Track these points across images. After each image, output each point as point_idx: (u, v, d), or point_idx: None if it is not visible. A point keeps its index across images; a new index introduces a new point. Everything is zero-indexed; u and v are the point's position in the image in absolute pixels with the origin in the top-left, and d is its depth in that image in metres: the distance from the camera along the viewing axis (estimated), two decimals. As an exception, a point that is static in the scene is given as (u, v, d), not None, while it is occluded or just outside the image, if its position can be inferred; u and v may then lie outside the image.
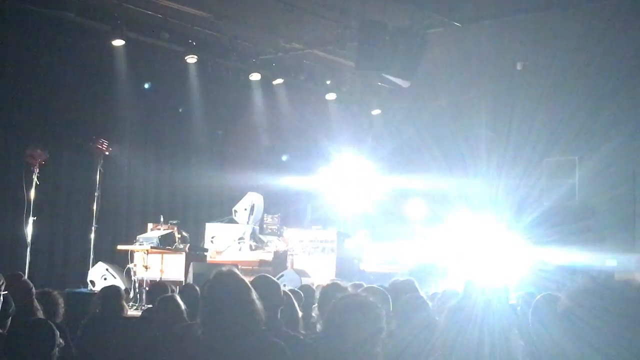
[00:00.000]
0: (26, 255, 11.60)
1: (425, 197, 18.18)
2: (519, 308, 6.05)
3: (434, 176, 18.47)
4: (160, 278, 11.80)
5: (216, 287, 4.10)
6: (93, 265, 12.47)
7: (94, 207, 12.76)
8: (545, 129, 17.92)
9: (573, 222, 17.41)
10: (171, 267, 12.44)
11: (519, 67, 15.63)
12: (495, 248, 17.04)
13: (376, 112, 18.53)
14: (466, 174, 18.34)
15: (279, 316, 4.96)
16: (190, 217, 15.71)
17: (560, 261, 16.43)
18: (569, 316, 3.58)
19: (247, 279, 4.31)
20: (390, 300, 5.85)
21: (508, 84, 16.66)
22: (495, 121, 17.42)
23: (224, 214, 15.15)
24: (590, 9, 13.18)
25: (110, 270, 12.19)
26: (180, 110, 15.67)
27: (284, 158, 17.04)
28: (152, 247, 12.21)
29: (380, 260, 15.86)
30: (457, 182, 18.31)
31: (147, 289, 11.24)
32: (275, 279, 5.37)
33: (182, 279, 12.03)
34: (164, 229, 12.77)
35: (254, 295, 4.08)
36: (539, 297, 5.27)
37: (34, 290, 6.23)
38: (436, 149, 18.84)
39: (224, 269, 4.23)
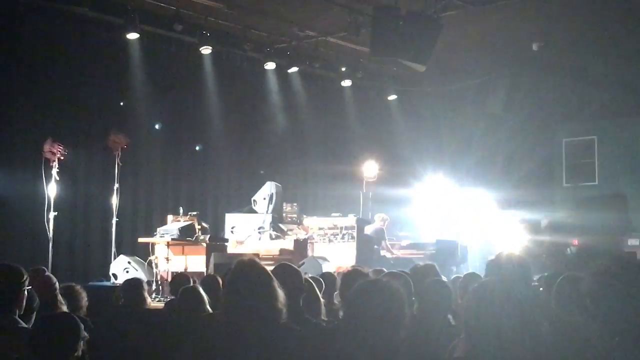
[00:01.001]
0: (48, 250, 11.68)
1: (445, 181, 18.16)
2: (541, 289, 6.03)
3: (454, 159, 18.46)
4: (182, 269, 11.86)
5: (238, 277, 4.11)
6: (115, 258, 12.54)
7: (114, 201, 12.82)
8: (563, 109, 17.86)
9: (594, 204, 17.35)
10: (192, 258, 12.48)
11: (534, 47, 15.52)
12: (516, 230, 17.01)
13: (392, 97, 18.49)
14: (487, 155, 18.31)
15: (300, 304, 4.96)
16: (209, 208, 15.77)
17: (582, 243, 16.40)
18: (591, 297, 3.57)
19: (268, 268, 4.32)
20: (412, 284, 5.85)
21: (525, 65, 16.56)
22: (514, 102, 17.32)
23: (243, 204, 15.18)
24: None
25: (132, 262, 12.25)
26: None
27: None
28: (172, 239, 12.26)
29: (400, 245, 15.86)
30: (478, 163, 18.29)
31: (168, 280, 11.29)
32: (296, 267, 5.38)
33: (204, 269, 12.07)
34: (184, 221, 12.81)
35: (276, 283, 4.09)
36: (561, 278, 5.26)
37: (57, 284, 6.28)
38: (454, 132, 18.82)
39: (245, 258, 4.24)
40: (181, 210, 13.09)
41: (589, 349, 3.81)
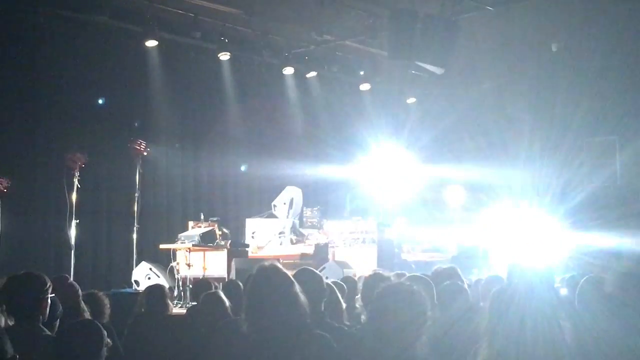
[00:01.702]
0: (71, 258, 11.74)
1: (466, 183, 18.07)
2: (564, 291, 5.99)
3: (475, 162, 18.36)
4: (203, 275, 11.88)
5: (259, 282, 4.11)
6: (137, 265, 12.59)
7: (135, 208, 12.86)
8: (584, 110, 17.72)
9: (616, 205, 17.20)
10: (213, 264, 12.51)
11: (554, 48, 15.45)
12: (538, 232, 16.89)
13: (411, 100, 18.46)
14: (508, 158, 18.20)
15: (322, 308, 4.96)
16: (230, 213, 15.77)
17: (604, 245, 16.24)
18: (614, 299, 3.55)
19: (289, 273, 4.32)
20: (434, 287, 5.83)
21: (545, 66, 16.49)
22: (535, 104, 17.22)
23: (264, 209, 15.21)
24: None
25: (154, 269, 12.30)
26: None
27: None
28: (193, 245, 12.28)
29: (421, 248, 15.81)
30: (499, 166, 18.18)
31: (190, 286, 11.32)
32: (317, 271, 5.37)
33: (225, 275, 12.10)
34: (205, 227, 12.85)
35: (297, 288, 4.08)
36: (583, 279, 5.22)
37: (80, 292, 6.32)
38: (475, 135, 18.72)
39: (266, 263, 4.24)
40: (202, 216, 13.13)
41: (613, 350, 3.78)
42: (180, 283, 12.00)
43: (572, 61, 16.23)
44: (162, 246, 12.94)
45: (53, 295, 4.93)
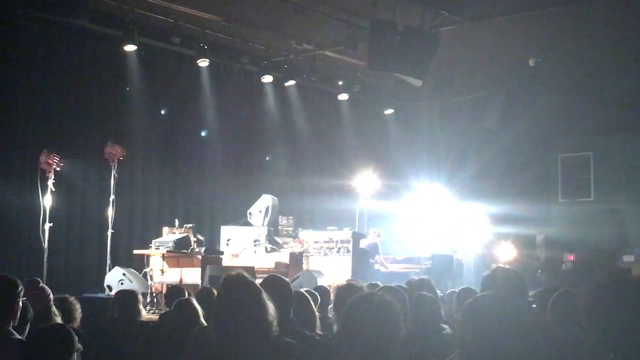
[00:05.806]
0: (43, 262, 11.65)
1: (439, 194, 18.15)
2: (534, 305, 6.03)
3: (449, 172, 18.47)
4: (177, 282, 11.83)
5: (226, 291, 4.10)
6: (110, 270, 12.51)
7: (110, 212, 12.80)
8: (559, 125, 17.89)
9: (589, 219, 17.35)
10: (187, 271, 12.45)
11: (531, 63, 15.58)
12: (511, 245, 17.00)
13: (389, 111, 18.52)
14: (482, 170, 18.31)
15: (291, 315, 4.94)
16: (205, 220, 15.73)
17: (578, 259, 16.39)
18: (587, 313, 3.57)
19: (258, 281, 4.31)
20: (408, 299, 5.84)
21: (522, 81, 16.61)
22: (510, 117, 17.36)
23: (239, 217, 15.17)
24: (602, 2, 13.10)
25: (127, 274, 12.20)
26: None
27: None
28: (168, 251, 12.23)
29: (395, 259, 15.85)
30: (473, 178, 18.29)
31: (163, 292, 11.26)
32: (286, 278, 5.35)
33: (199, 282, 12.04)
34: (180, 233, 12.79)
35: (265, 296, 4.08)
36: (556, 293, 5.26)
37: (51, 296, 6.28)
38: (451, 146, 18.82)
39: (232, 272, 4.24)
40: (177, 223, 13.07)
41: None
42: (154, 289, 11.94)
43: (549, 76, 16.36)
44: (136, 251, 12.88)
45: (24, 298, 4.89)
